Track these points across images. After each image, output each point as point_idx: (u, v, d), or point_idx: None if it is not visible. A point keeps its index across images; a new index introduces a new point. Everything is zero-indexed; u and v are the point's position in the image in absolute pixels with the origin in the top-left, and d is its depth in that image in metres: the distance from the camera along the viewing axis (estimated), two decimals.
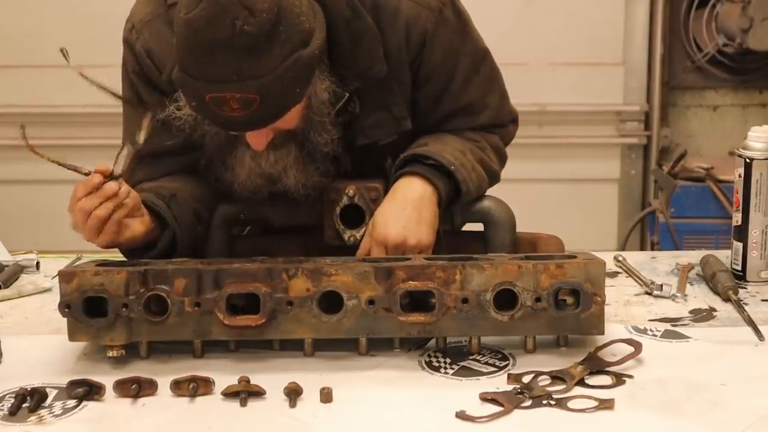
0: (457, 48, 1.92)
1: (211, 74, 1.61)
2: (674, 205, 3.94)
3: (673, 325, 1.78)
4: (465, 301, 1.62)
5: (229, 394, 1.53)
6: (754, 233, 1.98)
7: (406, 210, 1.83)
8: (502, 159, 2.04)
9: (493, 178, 1.99)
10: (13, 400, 1.52)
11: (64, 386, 1.56)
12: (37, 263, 2.15)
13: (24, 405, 1.51)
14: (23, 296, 1.99)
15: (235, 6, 1.58)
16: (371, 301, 1.62)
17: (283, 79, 1.63)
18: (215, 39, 1.59)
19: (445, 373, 1.61)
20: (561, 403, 1.49)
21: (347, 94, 1.80)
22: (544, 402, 1.49)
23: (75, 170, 1.72)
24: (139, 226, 1.77)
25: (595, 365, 1.59)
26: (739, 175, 1.97)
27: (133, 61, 1.90)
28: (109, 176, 1.69)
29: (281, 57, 1.62)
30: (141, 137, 1.73)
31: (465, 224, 2.04)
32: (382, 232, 1.81)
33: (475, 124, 1.98)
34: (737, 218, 1.99)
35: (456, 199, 1.90)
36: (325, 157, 1.85)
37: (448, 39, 1.89)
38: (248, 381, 1.54)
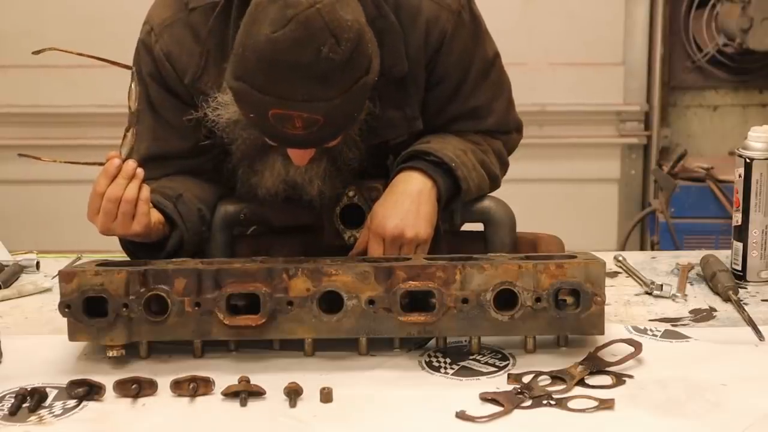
0: (470, 51, 1.91)
1: (282, 92, 1.60)
2: (674, 205, 3.94)
3: (673, 325, 1.78)
4: (465, 301, 1.62)
5: (229, 394, 1.53)
6: (754, 233, 1.98)
7: (404, 203, 1.83)
8: (504, 165, 2.03)
9: (494, 182, 1.98)
10: (13, 400, 1.52)
11: (64, 386, 1.56)
12: (37, 263, 2.15)
13: (24, 405, 1.51)
14: (23, 296, 1.99)
15: (324, 32, 1.57)
16: (371, 301, 1.62)
17: (349, 103, 1.64)
18: (297, 62, 1.57)
19: (445, 373, 1.61)
20: (561, 403, 1.49)
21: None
22: (544, 402, 1.49)
23: (90, 164, 1.73)
24: (156, 213, 1.78)
25: (595, 365, 1.59)
26: (739, 175, 1.97)
27: (151, 64, 1.89)
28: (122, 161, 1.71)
29: (351, 82, 1.62)
30: (124, 151, 1.74)
31: (465, 224, 2.04)
32: (380, 224, 1.81)
33: (479, 128, 1.97)
34: (737, 218, 1.99)
35: (456, 197, 1.90)
36: (352, 171, 1.86)
37: (463, 42, 1.89)
38: (248, 381, 1.54)
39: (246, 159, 1.86)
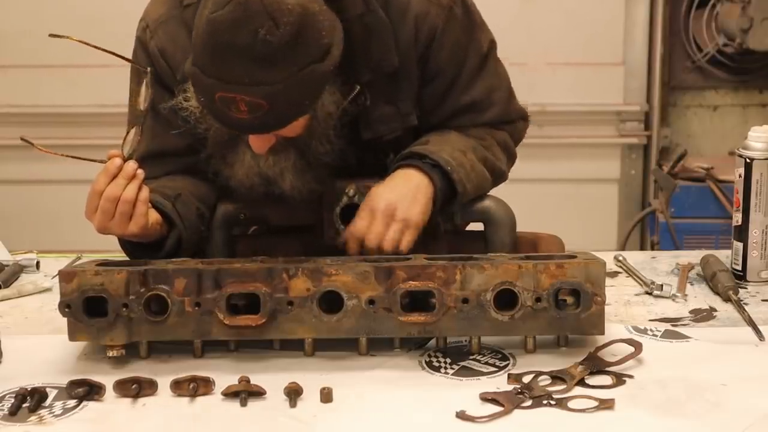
0: (464, 45, 1.91)
1: (224, 74, 1.62)
2: (674, 205, 3.94)
3: (673, 325, 1.78)
4: (465, 301, 1.62)
5: (229, 394, 1.53)
6: (755, 233, 1.98)
7: (402, 188, 1.82)
8: (511, 157, 2.03)
9: (499, 177, 1.98)
10: (13, 400, 1.52)
11: (64, 386, 1.56)
12: (37, 263, 2.15)
13: (24, 405, 1.51)
14: (23, 296, 1.99)
15: (261, 15, 1.58)
16: (371, 301, 1.62)
17: (294, 90, 1.64)
18: (235, 43, 1.59)
19: (446, 373, 1.61)
20: (561, 403, 1.49)
21: (358, 87, 1.80)
22: (545, 402, 1.49)
23: (91, 160, 1.73)
24: (155, 214, 1.78)
25: (596, 365, 1.59)
26: (740, 175, 1.97)
27: (146, 60, 1.90)
28: (123, 160, 1.72)
29: (296, 68, 1.62)
30: (126, 150, 1.74)
31: (467, 224, 2.04)
32: (374, 198, 1.81)
33: (481, 121, 1.97)
34: (737, 218, 1.99)
35: (452, 199, 1.90)
36: (324, 166, 1.85)
37: (456, 36, 1.89)
38: (248, 381, 1.54)
39: (218, 150, 1.87)
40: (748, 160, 1.96)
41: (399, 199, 1.81)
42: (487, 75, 1.96)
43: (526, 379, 1.56)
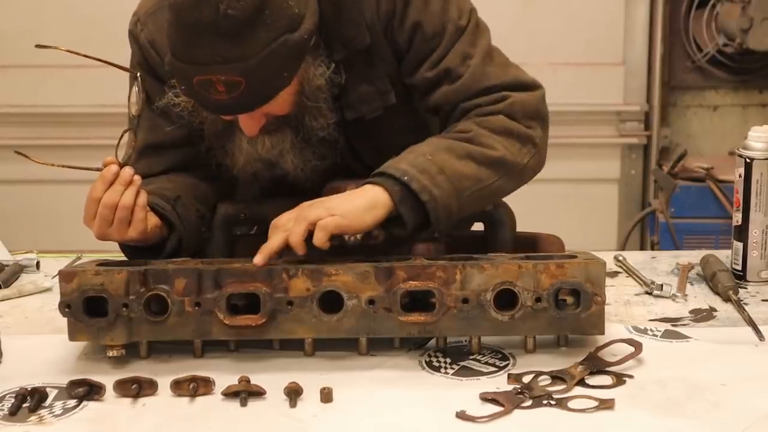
0: (431, 17, 1.83)
1: (196, 57, 1.62)
2: (674, 205, 3.94)
3: (673, 325, 1.78)
4: (465, 300, 1.62)
5: (229, 394, 1.53)
6: (755, 233, 1.98)
7: (345, 195, 1.71)
8: (517, 139, 1.82)
9: (500, 166, 1.78)
10: (13, 400, 1.52)
11: (65, 386, 1.56)
12: (37, 263, 2.15)
13: (24, 405, 1.51)
14: (23, 296, 1.99)
15: None
16: (371, 301, 1.62)
17: (268, 62, 1.63)
18: (199, 22, 1.59)
19: (446, 373, 1.61)
20: (561, 403, 1.49)
21: (333, 64, 1.79)
22: (545, 402, 1.49)
23: (87, 169, 1.73)
24: (153, 218, 1.78)
25: (596, 365, 1.59)
26: (740, 175, 1.98)
27: (138, 53, 1.91)
28: (120, 166, 1.72)
29: (266, 41, 1.62)
30: (120, 154, 1.74)
31: (471, 225, 2.03)
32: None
33: (462, 95, 1.84)
34: (737, 218, 1.99)
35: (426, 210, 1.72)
36: (322, 141, 1.84)
37: (419, 8, 1.82)
38: (248, 381, 1.54)
39: (216, 140, 1.86)
40: (748, 160, 1.96)
41: (333, 199, 1.70)
42: (463, 44, 1.85)
43: (526, 379, 1.56)
